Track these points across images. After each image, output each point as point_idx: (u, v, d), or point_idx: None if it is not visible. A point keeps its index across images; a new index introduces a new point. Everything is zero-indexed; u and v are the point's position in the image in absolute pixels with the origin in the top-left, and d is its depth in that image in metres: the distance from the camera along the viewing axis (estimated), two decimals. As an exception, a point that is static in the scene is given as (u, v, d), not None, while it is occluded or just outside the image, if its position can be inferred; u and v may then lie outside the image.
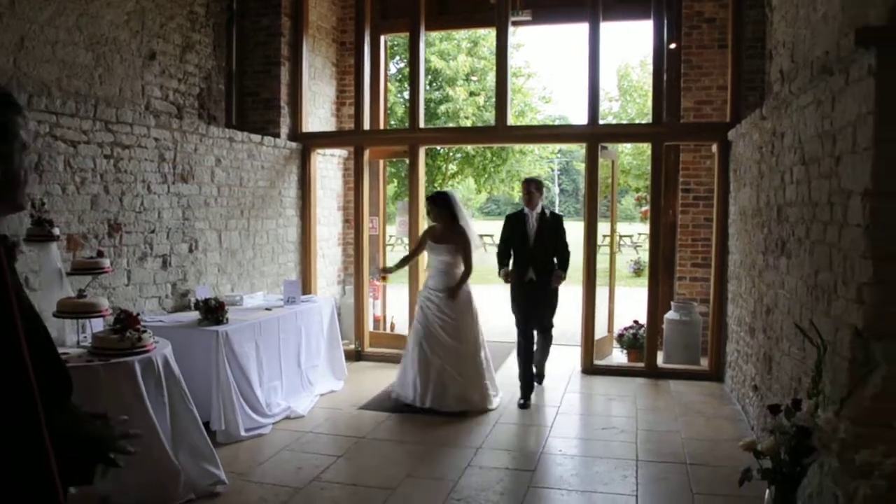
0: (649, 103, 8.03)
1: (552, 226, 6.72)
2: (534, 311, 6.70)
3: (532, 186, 6.80)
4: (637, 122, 21.63)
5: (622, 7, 8.06)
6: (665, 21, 7.49)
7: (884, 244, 3.02)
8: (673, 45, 7.71)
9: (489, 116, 20.26)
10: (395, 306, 9.23)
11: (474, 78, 21.25)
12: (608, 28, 7.77)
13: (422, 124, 8.33)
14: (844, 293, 3.31)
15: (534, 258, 6.66)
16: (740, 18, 7.07)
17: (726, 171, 7.25)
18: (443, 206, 6.51)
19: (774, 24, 5.39)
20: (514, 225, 6.81)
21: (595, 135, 7.66)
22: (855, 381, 3.12)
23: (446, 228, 6.49)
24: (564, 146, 31.65)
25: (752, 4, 6.85)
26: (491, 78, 20.78)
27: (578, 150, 46.97)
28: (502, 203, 49.89)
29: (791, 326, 4.31)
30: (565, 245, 6.73)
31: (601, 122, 8.59)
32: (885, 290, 3.02)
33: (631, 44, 35.70)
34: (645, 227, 28.26)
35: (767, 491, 3.39)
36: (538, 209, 6.73)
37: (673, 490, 4.46)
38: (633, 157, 23.28)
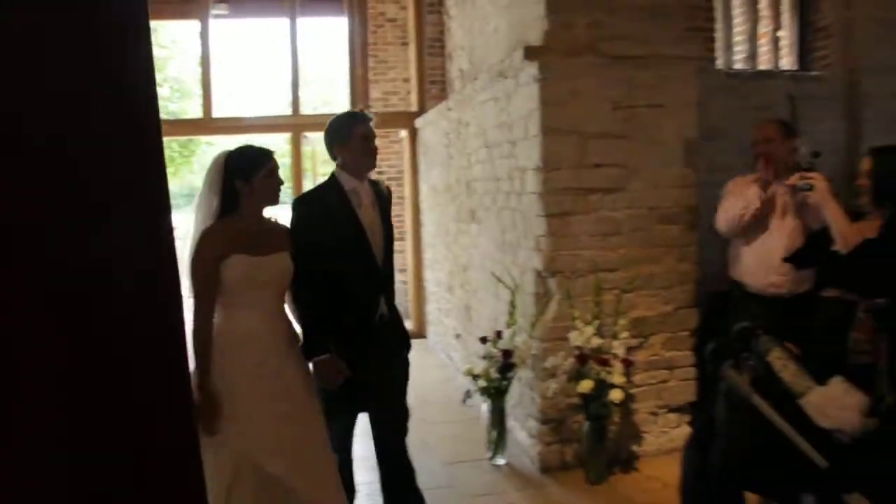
0: (332, 94, 8.80)
1: (388, 210, 3.37)
2: (382, 379, 3.25)
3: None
4: (324, 112, 22.53)
5: (318, 4, 8.72)
6: (356, 19, 8.30)
7: (552, 206, 4.10)
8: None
9: (175, 108, 19.66)
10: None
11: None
12: (304, 24, 8.36)
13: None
14: (526, 245, 4.37)
15: (382, 275, 3.25)
16: (421, 20, 8.11)
17: (416, 154, 8.30)
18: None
19: (453, 30, 6.44)
20: (334, 214, 3.15)
21: (299, 125, 8.24)
22: (539, 309, 4.19)
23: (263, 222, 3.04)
24: (265, 136, 31.34)
25: (430, 10, 7.91)
26: (172, 68, 20.13)
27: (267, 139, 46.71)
28: (177, 195, 47.48)
29: (485, 280, 5.37)
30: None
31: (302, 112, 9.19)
32: (554, 240, 4.11)
33: (314, 38, 36.28)
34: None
35: (483, 405, 4.35)
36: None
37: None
38: (320, 143, 24.06)
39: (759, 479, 2.56)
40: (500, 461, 4.29)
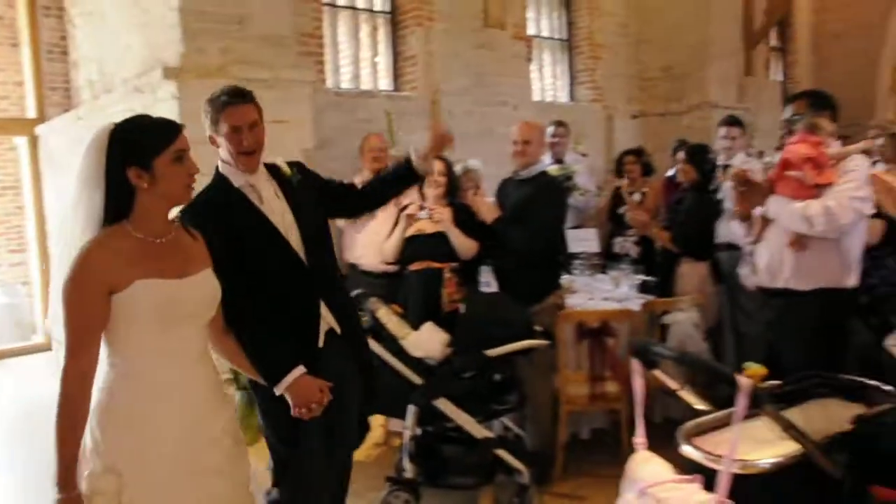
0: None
1: (313, 192, 2.91)
2: (348, 409, 2.85)
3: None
4: None
5: None
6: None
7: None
8: None
9: None
10: None
11: None
12: None
13: None
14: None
15: (316, 277, 2.75)
16: (35, 22, 7.81)
17: (38, 162, 7.99)
18: None
19: (78, 39, 6.50)
20: (232, 218, 2.61)
21: None
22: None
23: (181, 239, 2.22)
24: None
25: (47, 13, 7.68)
26: None
27: None
28: None
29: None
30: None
31: None
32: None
33: None
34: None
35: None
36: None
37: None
38: None
39: (379, 402, 3.46)
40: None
